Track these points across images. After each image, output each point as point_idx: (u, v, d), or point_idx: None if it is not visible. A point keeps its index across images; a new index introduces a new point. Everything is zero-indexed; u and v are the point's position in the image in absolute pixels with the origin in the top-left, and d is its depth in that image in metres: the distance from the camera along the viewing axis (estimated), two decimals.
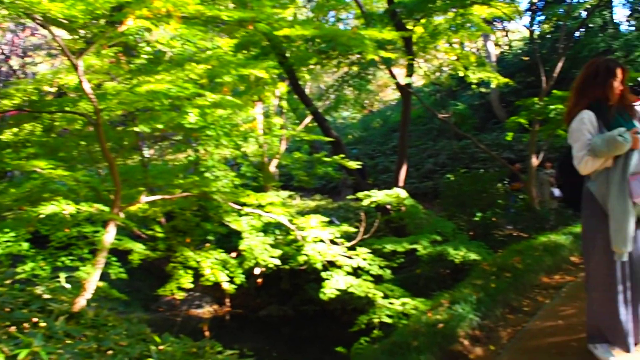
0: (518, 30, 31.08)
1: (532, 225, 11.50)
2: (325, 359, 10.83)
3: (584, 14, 19.24)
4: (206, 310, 14.67)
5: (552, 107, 11.32)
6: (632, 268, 4.12)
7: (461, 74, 14.18)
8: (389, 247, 9.29)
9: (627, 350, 4.14)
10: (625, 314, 4.09)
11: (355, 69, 16.73)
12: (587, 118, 4.05)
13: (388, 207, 11.87)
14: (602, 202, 4.06)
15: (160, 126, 6.51)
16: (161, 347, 3.43)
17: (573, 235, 7.38)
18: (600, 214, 4.08)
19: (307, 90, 17.96)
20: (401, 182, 13.55)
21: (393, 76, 14.44)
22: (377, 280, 8.33)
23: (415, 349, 4.22)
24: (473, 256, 8.98)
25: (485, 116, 24.87)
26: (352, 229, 9.15)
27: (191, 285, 9.43)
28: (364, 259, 8.28)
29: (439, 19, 13.79)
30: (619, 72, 4.11)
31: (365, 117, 34.90)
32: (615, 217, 3.95)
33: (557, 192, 13.62)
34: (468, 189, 12.98)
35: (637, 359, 4.16)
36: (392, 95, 36.59)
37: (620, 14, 46.59)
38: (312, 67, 13.82)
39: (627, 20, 24.32)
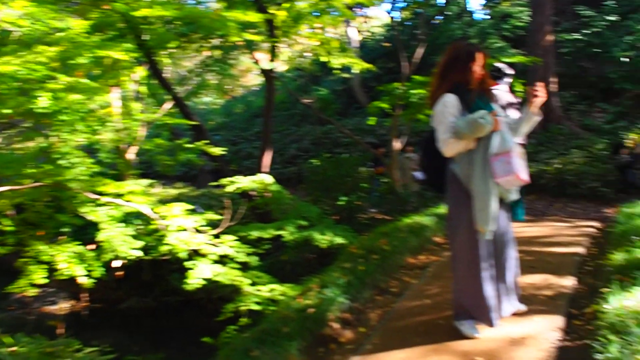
0: (378, 17, 31.79)
1: (395, 208, 11.75)
2: (190, 349, 10.60)
3: (441, 1, 19.92)
4: (62, 307, 13.93)
5: (413, 91, 11.59)
6: (495, 246, 4.27)
7: (324, 59, 14.20)
8: (255, 233, 9.16)
9: (491, 325, 4.28)
10: (489, 291, 4.22)
11: (217, 53, 16.43)
12: (449, 101, 4.12)
13: (252, 193, 11.75)
14: (466, 183, 4.16)
15: (7, 111, 6.05)
16: (14, 349, 3.18)
17: (436, 216, 7.60)
18: (464, 194, 4.17)
19: (167, 75, 17.45)
20: (265, 168, 13.45)
21: (256, 61, 14.29)
22: (244, 267, 8.21)
23: (286, 335, 4.16)
24: (339, 240, 9.03)
25: (347, 101, 25.26)
26: (217, 217, 8.96)
27: (45, 281, 8.89)
28: (230, 247, 8.11)
29: (301, 4, 13.75)
30: (479, 56, 4.22)
31: (228, 102, 34.52)
32: (479, 197, 4.05)
33: (418, 175, 14.05)
34: (332, 174, 13.07)
35: (501, 333, 4.31)
36: (254, 80, 36.40)
37: (476, 2, 49.33)
38: (172, 50, 13.41)
39: (482, 9, 25.48)
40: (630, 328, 3.72)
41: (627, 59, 18.98)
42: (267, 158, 13.73)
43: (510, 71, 6.32)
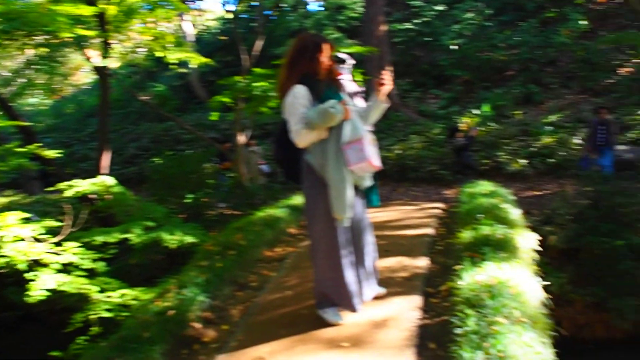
0: (213, 11, 31.52)
1: (244, 202, 11.68)
2: None
3: None
4: None
5: (255, 84, 11.53)
6: (353, 233, 4.32)
7: (159, 54, 13.80)
8: (100, 238, 8.72)
9: (354, 310, 4.35)
10: (350, 277, 4.28)
11: (43, 50, 15.51)
12: (299, 92, 4.13)
13: (93, 196, 11.26)
14: (321, 172, 4.18)
15: None
16: None
17: (289, 207, 7.62)
18: (320, 184, 4.20)
19: None
20: (105, 170, 12.91)
21: (88, 58, 13.66)
22: (91, 274, 7.82)
23: (148, 340, 3.99)
24: (189, 239, 8.81)
25: (186, 97, 24.85)
26: (57, 224, 8.47)
27: None
28: (74, 254, 7.67)
29: None
30: (325, 47, 4.27)
31: (57, 103, 32.74)
32: (334, 185, 4.08)
33: (264, 168, 14.07)
34: (175, 172, 12.77)
35: (363, 317, 4.38)
36: (84, 78, 34.86)
37: None
38: None
39: (316, 0, 25.94)
40: (484, 301, 3.90)
41: (456, 47, 20.06)
42: (105, 159, 13.18)
43: (352, 61, 6.42)
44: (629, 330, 9.22)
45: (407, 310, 4.51)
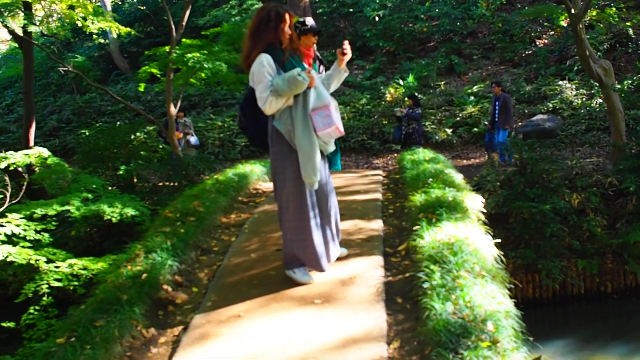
0: None
1: (178, 173, 11.71)
2: None
3: None
4: None
5: (189, 55, 11.50)
6: (318, 196, 4.52)
7: (79, 24, 13.44)
8: (39, 211, 8.63)
9: (322, 270, 4.56)
10: (317, 238, 4.48)
11: None
12: (265, 61, 4.27)
13: (19, 170, 11.05)
14: (289, 138, 4.35)
15: None
16: None
17: (237, 176, 7.74)
18: (288, 149, 4.37)
19: None
20: (31, 142, 12.69)
21: (9, 28, 13.20)
22: (36, 246, 7.76)
23: (127, 302, 4.09)
24: (129, 211, 8.82)
25: (106, 67, 24.35)
26: None
27: None
28: (17, 225, 7.62)
29: None
30: (287, 17, 4.42)
31: None
32: (303, 150, 4.26)
33: (194, 139, 14.04)
34: (106, 143, 12.66)
35: (330, 276, 4.60)
36: None
37: None
38: None
39: None
40: (447, 257, 4.18)
41: (378, 18, 20.35)
42: (32, 131, 12.92)
43: (315, 27, 6.46)
44: (557, 290, 9.84)
45: (371, 268, 4.74)
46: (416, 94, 14.44)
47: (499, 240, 5.12)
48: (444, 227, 4.76)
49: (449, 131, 14.99)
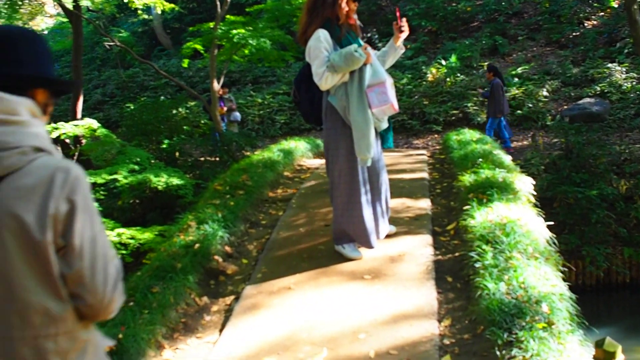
0: None
1: (220, 149, 11.77)
2: None
3: None
4: None
5: (234, 31, 11.51)
6: (370, 172, 4.52)
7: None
8: (89, 179, 8.78)
9: (371, 246, 4.57)
10: (367, 215, 4.48)
11: None
12: (322, 36, 4.26)
13: (67, 140, 11.23)
14: (343, 114, 4.34)
15: None
16: None
17: (282, 152, 7.78)
18: (342, 125, 4.36)
19: None
20: (79, 114, 12.89)
21: (59, 1, 13.34)
22: None
23: (182, 270, 4.17)
24: (175, 181, 8.92)
25: (149, 43, 24.51)
26: None
27: None
28: None
29: None
30: None
31: None
32: (358, 126, 4.25)
33: (237, 115, 14.10)
34: (149, 117, 12.76)
35: (380, 253, 4.62)
36: (44, 24, 33.83)
37: None
38: None
39: None
40: (500, 238, 4.16)
41: None
42: (79, 104, 13.12)
43: None
44: (600, 277, 9.67)
45: (420, 246, 4.73)
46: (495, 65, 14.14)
47: (552, 223, 5.07)
48: (495, 207, 4.73)
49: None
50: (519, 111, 14.65)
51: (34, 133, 1.54)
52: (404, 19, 4.52)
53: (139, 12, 16.67)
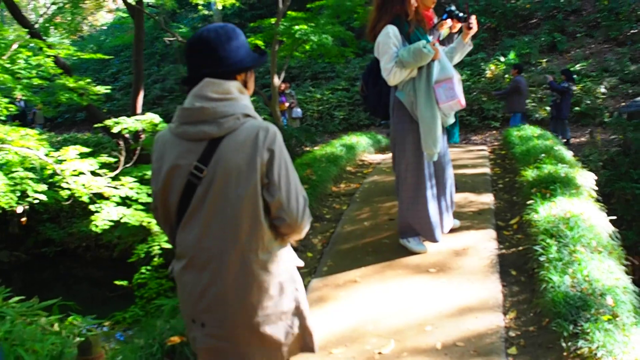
0: None
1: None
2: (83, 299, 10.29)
3: None
4: None
5: (296, 27, 11.66)
6: (436, 167, 4.59)
7: None
8: (150, 173, 8.99)
9: (435, 240, 4.64)
10: (433, 209, 4.56)
11: None
12: (392, 32, 4.34)
13: (127, 135, 11.52)
14: (411, 109, 4.42)
15: None
16: None
17: (344, 147, 7.88)
18: (409, 120, 4.44)
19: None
20: (139, 109, 13.19)
21: None
22: (148, 208, 8.12)
23: None
24: None
25: None
26: (110, 160, 8.73)
27: None
28: (131, 188, 7.97)
29: None
30: None
31: (75, 43, 32.60)
32: (425, 122, 4.32)
33: (298, 111, 14.26)
34: None
35: (444, 247, 4.70)
36: (102, 19, 34.67)
37: None
38: None
39: None
40: (564, 232, 4.20)
41: None
42: (140, 99, 13.40)
43: None
44: None
45: (483, 241, 4.80)
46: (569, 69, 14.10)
47: (614, 217, 5.07)
48: (558, 202, 4.76)
49: (550, 109, 14.63)
50: (577, 108, 14.47)
51: (243, 104, 2.11)
52: (473, 16, 4.58)
53: (199, 7, 16.92)
